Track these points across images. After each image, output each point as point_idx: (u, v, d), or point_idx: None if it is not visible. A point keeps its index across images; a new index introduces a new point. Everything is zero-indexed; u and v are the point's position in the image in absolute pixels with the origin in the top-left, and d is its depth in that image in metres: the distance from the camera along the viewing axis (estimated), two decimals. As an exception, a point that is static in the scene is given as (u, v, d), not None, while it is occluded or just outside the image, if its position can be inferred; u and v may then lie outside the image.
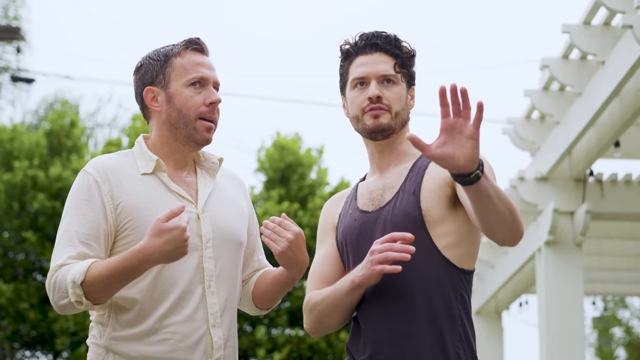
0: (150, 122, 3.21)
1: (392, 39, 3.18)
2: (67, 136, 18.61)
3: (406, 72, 3.18)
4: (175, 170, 3.19)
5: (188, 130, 3.14)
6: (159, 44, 3.25)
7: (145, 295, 3.04)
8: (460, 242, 3.06)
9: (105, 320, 3.08)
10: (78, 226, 3.05)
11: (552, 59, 7.74)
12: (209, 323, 3.08)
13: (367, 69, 3.15)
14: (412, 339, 2.99)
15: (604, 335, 28.67)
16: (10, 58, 23.09)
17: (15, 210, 17.45)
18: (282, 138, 18.66)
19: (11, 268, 17.75)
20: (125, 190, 3.08)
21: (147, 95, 3.18)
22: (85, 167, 3.13)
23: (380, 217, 3.09)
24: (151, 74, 3.18)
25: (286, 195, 18.03)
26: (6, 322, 17.21)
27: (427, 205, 3.04)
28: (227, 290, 3.14)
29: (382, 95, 3.12)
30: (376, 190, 3.16)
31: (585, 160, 8.07)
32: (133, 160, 3.16)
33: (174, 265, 3.04)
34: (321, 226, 3.31)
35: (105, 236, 3.06)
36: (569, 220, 8.33)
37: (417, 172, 3.11)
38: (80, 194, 3.08)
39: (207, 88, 3.17)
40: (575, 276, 8.30)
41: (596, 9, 7.02)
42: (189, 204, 3.12)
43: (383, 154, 3.20)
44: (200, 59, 3.19)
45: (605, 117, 7.45)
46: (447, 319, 3.01)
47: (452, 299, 3.03)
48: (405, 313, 3.00)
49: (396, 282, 3.01)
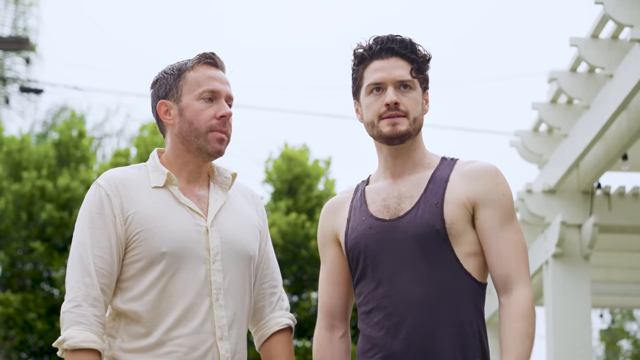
0: (166, 135, 3.23)
1: (408, 43, 3.13)
2: (75, 147, 18.65)
3: (422, 76, 3.15)
4: (188, 183, 3.20)
5: (199, 142, 3.15)
6: (164, 56, 3.28)
7: (152, 307, 3.05)
8: (479, 253, 3.06)
9: (114, 332, 3.09)
10: (92, 241, 3.08)
11: (560, 72, 7.75)
12: (216, 336, 3.08)
13: (384, 74, 3.11)
14: (435, 354, 2.97)
15: (611, 348, 28.60)
16: (20, 69, 23.17)
17: (24, 221, 17.48)
18: (290, 149, 18.68)
19: (19, 278, 17.77)
20: (135, 203, 3.10)
21: (161, 108, 3.20)
22: (98, 180, 3.15)
23: (400, 226, 3.05)
24: (165, 87, 3.20)
25: (294, 206, 18.04)
26: (14, 332, 17.23)
27: (451, 219, 3.02)
28: (236, 304, 3.14)
29: (399, 102, 3.09)
30: (391, 198, 3.12)
31: (592, 173, 8.08)
32: (146, 174, 3.18)
33: (181, 278, 3.06)
34: (320, 238, 3.28)
35: (116, 249, 3.08)
36: (576, 233, 8.33)
37: (437, 183, 3.08)
38: (92, 207, 3.11)
39: (218, 101, 3.18)
40: (582, 289, 8.30)
41: (604, 22, 7.04)
42: (199, 217, 3.13)
43: (397, 159, 3.16)
44: (213, 72, 3.21)
45: (613, 130, 7.45)
46: (467, 334, 3.00)
47: (472, 313, 3.02)
48: (425, 328, 2.98)
49: (415, 295, 3.00)
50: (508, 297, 3.00)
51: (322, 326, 3.25)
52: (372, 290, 3.07)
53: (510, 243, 3.03)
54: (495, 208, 3.04)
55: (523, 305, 2.97)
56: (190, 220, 3.11)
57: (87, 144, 19.13)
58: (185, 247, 3.07)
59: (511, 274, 3.01)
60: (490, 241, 3.03)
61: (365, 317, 3.09)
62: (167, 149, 3.24)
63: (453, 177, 3.08)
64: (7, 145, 18.39)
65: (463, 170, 3.10)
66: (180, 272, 3.06)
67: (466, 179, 3.08)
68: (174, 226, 3.08)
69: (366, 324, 3.08)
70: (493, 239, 3.03)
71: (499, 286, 3.03)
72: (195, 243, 3.08)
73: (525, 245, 3.08)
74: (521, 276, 3.01)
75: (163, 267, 3.05)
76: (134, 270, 3.07)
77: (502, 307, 3.01)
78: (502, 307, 3.01)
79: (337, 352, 3.22)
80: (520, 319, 2.95)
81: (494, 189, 3.06)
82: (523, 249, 3.06)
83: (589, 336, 8.26)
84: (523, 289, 2.99)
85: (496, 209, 3.05)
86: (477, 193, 3.05)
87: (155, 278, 3.05)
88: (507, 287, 3.01)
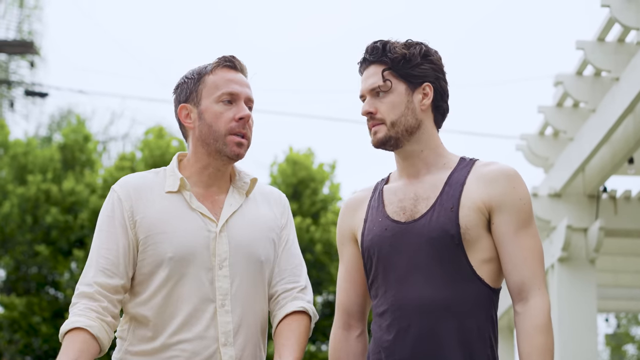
0: (188, 139, 3.25)
1: (380, 48, 3.11)
2: (80, 150, 18.66)
3: (398, 75, 3.09)
4: (208, 187, 3.21)
5: (218, 145, 3.16)
6: (172, 60, 3.28)
7: (159, 312, 3.08)
8: (493, 259, 3.03)
9: (125, 334, 3.14)
10: (100, 243, 3.14)
11: (566, 75, 7.73)
12: (219, 342, 3.08)
13: (362, 86, 3.13)
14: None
15: (616, 353, 28.57)
16: (24, 72, 23.20)
17: (29, 224, 17.49)
18: (295, 153, 18.67)
19: (24, 282, 17.78)
20: (145, 208, 3.13)
21: (181, 112, 3.22)
22: (114, 186, 3.20)
23: (415, 229, 3.02)
24: (185, 92, 3.22)
25: (298, 210, 18.02)
26: (18, 335, 17.23)
27: (466, 224, 2.98)
28: (244, 309, 3.13)
29: (373, 110, 3.08)
30: (408, 199, 3.09)
31: (599, 177, 8.06)
32: (163, 179, 3.21)
33: (186, 283, 3.08)
34: (339, 237, 3.26)
35: (124, 252, 3.11)
36: (582, 237, 8.32)
37: (454, 186, 3.04)
38: (106, 211, 3.17)
39: (238, 104, 3.19)
40: (588, 293, 8.28)
41: (610, 26, 7.02)
42: (210, 223, 3.14)
43: (407, 161, 3.13)
44: (232, 75, 3.21)
45: (619, 133, 7.44)
46: (478, 341, 2.97)
47: (483, 320, 3.00)
48: (436, 334, 2.96)
49: (426, 300, 2.98)
50: (524, 306, 2.97)
51: (339, 325, 3.23)
52: (384, 293, 3.05)
53: (526, 249, 2.99)
54: (511, 213, 3.00)
55: (541, 317, 2.94)
56: (200, 226, 3.12)
57: (92, 147, 19.14)
58: (191, 253, 3.08)
59: (526, 281, 2.98)
60: (505, 247, 3.00)
61: (378, 320, 3.07)
62: (188, 153, 3.26)
63: (470, 180, 3.04)
64: (12, 148, 18.40)
65: (480, 173, 3.06)
66: (186, 277, 3.08)
67: (482, 182, 3.03)
68: (181, 231, 3.09)
69: (378, 326, 3.07)
70: (508, 245, 2.99)
71: (514, 293, 3.01)
72: (202, 248, 3.09)
73: (541, 251, 3.03)
74: (536, 283, 2.98)
75: (169, 272, 3.07)
76: (143, 274, 3.11)
77: (518, 316, 2.98)
78: (518, 316, 2.98)
79: (352, 351, 3.21)
80: (539, 333, 2.93)
81: (511, 193, 3.02)
82: (539, 255, 3.01)
83: (595, 340, 8.24)
84: (539, 296, 2.96)
85: (512, 214, 3.00)
86: (493, 197, 3.01)
87: (162, 282, 3.08)
88: (523, 295, 2.98)
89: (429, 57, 3.12)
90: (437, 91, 3.13)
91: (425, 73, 3.11)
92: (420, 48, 3.12)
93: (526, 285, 2.98)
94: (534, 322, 2.94)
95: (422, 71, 3.11)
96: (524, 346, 2.94)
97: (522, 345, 2.94)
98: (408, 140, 3.10)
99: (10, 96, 23.07)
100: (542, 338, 2.92)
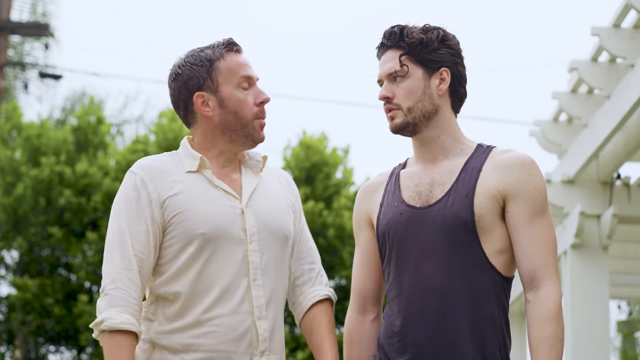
0: (195, 126, 3.25)
1: (397, 33, 3.10)
2: (94, 133, 18.71)
3: (415, 59, 3.08)
4: (222, 168, 3.24)
5: (247, 131, 3.20)
6: (186, 42, 3.28)
7: (190, 288, 3.10)
8: (507, 249, 3.02)
9: (152, 315, 3.15)
10: (129, 225, 3.11)
11: (580, 61, 7.70)
12: (254, 315, 3.12)
13: (379, 71, 3.13)
14: (453, 347, 2.95)
15: (629, 339, 28.53)
16: (39, 54, 23.26)
17: (42, 206, 17.55)
18: (308, 137, 18.68)
19: (37, 263, 17.86)
20: (171, 187, 3.14)
21: (197, 100, 3.21)
22: (132, 168, 3.20)
23: (429, 215, 3.02)
24: (197, 80, 3.21)
25: (311, 194, 18.03)
26: (31, 317, 17.32)
27: (480, 211, 2.98)
28: (273, 283, 3.18)
29: (390, 95, 3.08)
30: (423, 184, 3.08)
31: (612, 164, 8.03)
32: (178, 161, 3.22)
33: (219, 259, 3.10)
34: (355, 221, 3.27)
35: (153, 234, 3.12)
36: (595, 224, 8.29)
37: (470, 173, 3.03)
38: (128, 193, 3.15)
39: (253, 87, 3.23)
40: (601, 279, 8.26)
41: (626, 12, 6.98)
42: (234, 199, 3.17)
43: (424, 147, 3.12)
44: (242, 59, 3.24)
45: (634, 120, 7.40)
46: (489, 328, 2.97)
47: (494, 308, 2.99)
48: (447, 320, 2.96)
49: (438, 286, 2.98)
50: (535, 294, 2.97)
51: (354, 309, 3.24)
52: (397, 277, 3.05)
53: (540, 237, 2.99)
54: (526, 201, 2.99)
55: (551, 306, 2.94)
56: (225, 202, 3.16)
57: (106, 130, 19.19)
58: (222, 228, 3.11)
59: (538, 270, 2.97)
60: (519, 235, 2.99)
61: (390, 304, 3.08)
62: (199, 138, 3.26)
63: (486, 168, 3.03)
64: (26, 130, 18.46)
65: (496, 161, 3.05)
66: (218, 253, 3.11)
67: (498, 169, 3.02)
68: (210, 208, 3.12)
69: (390, 310, 3.08)
70: (522, 233, 2.99)
71: (526, 281, 3.00)
72: (231, 224, 3.13)
73: (554, 241, 3.02)
74: (549, 272, 2.97)
75: (201, 247, 3.10)
76: (172, 252, 3.12)
77: (529, 304, 2.98)
78: (529, 304, 2.98)
79: (367, 335, 3.21)
80: (549, 322, 2.93)
81: (526, 181, 3.01)
82: (552, 244, 3.00)
83: (607, 327, 8.22)
84: (551, 285, 2.96)
85: (527, 202, 2.99)
86: (508, 185, 3.00)
87: (193, 259, 3.10)
88: (535, 284, 2.98)
89: (446, 42, 3.10)
90: (454, 76, 3.11)
91: (442, 58, 3.09)
92: (438, 33, 3.10)
93: (538, 274, 2.97)
94: (545, 311, 2.94)
95: (440, 56, 3.09)
96: (534, 335, 2.94)
97: (533, 333, 2.94)
98: (426, 125, 3.09)
99: (24, 78, 23.12)
100: (552, 327, 2.92)
